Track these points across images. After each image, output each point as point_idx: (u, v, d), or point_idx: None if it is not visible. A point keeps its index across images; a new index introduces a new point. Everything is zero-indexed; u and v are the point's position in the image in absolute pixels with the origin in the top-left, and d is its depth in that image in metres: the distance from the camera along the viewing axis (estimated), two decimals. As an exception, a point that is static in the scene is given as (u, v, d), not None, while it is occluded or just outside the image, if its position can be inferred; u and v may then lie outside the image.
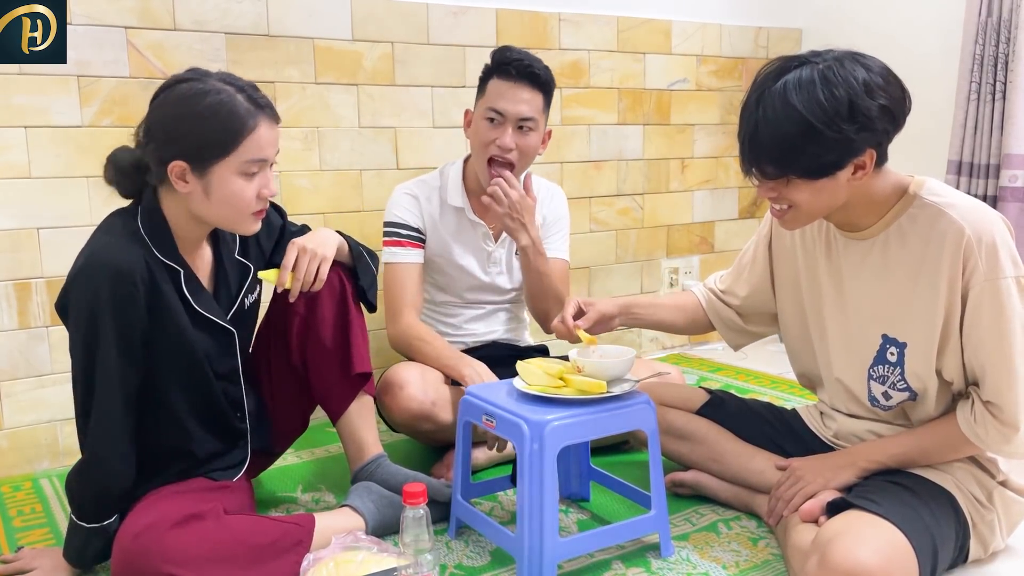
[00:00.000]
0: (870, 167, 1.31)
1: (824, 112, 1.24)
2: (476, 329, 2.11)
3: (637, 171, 2.89)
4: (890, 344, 1.44)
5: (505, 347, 2.12)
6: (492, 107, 1.89)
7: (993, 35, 2.53)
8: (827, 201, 1.35)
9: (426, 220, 2.02)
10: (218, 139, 1.35)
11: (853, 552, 1.21)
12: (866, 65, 1.29)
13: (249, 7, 2.15)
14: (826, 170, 1.29)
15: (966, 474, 1.41)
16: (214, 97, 1.36)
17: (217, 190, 1.38)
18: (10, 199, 1.93)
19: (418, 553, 1.25)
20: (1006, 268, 1.30)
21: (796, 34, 3.20)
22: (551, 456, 1.40)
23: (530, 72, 1.88)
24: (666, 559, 1.54)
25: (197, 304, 1.46)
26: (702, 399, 1.77)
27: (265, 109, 1.40)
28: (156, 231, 1.42)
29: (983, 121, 2.58)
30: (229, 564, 1.35)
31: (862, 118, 1.26)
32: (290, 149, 2.26)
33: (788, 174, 1.31)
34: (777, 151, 1.29)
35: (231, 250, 1.57)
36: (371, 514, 1.57)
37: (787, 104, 1.27)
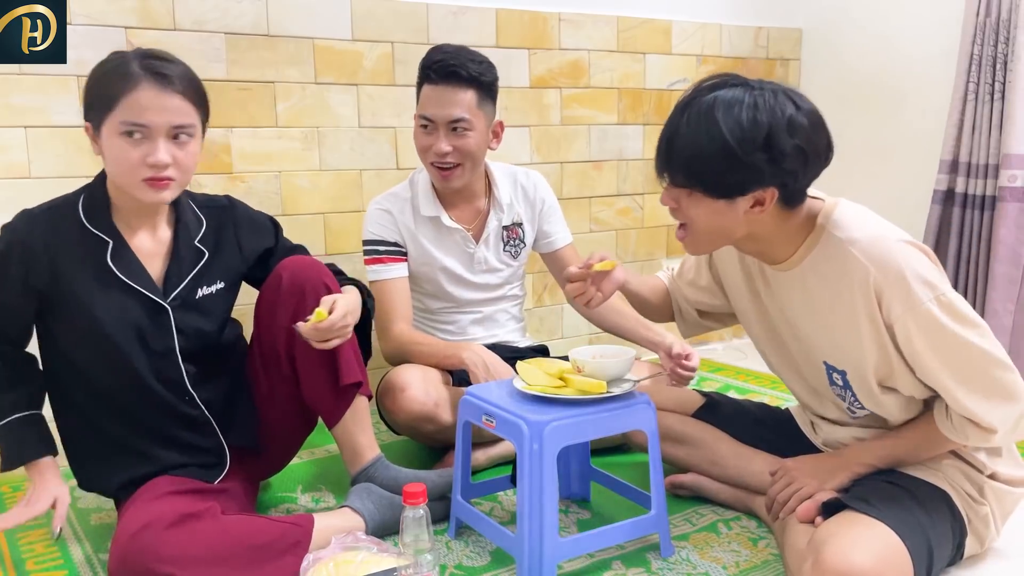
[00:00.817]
0: (769, 205, 1.31)
1: (742, 133, 1.24)
2: (477, 333, 2.10)
3: (637, 171, 2.89)
4: (832, 371, 1.45)
5: (505, 349, 2.11)
6: (421, 114, 1.90)
7: (992, 35, 2.53)
8: (721, 227, 1.34)
9: (403, 232, 2.00)
10: (103, 97, 1.41)
11: (846, 555, 1.21)
12: (798, 104, 1.28)
13: (249, 7, 2.15)
14: (727, 191, 1.29)
15: (956, 472, 1.42)
16: (113, 61, 1.43)
17: (107, 150, 1.43)
18: (10, 199, 1.92)
19: (418, 553, 1.25)
20: (921, 295, 1.27)
21: (796, 34, 3.20)
22: (551, 456, 1.40)
23: (451, 72, 1.84)
24: (666, 559, 1.54)
25: (124, 274, 1.48)
26: (697, 402, 1.78)
27: (154, 75, 1.41)
28: (93, 203, 1.49)
29: (981, 121, 2.57)
30: (227, 564, 1.35)
31: (775, 151, 1.25)
32: (290, 149, 2.26)
33: (694, 185, 1.31)
34: (688, 160, 1.30)
35: (191, 236, 1.57)
36: (370, 514, 1.57)
37: (710, 117, 1.26)
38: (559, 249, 2.13)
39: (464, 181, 1.95)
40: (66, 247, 1.45)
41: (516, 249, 2.10)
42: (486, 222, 2.05)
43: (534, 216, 2.11)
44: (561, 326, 2.78)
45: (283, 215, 2.27)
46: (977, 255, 2.61)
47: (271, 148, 2.23)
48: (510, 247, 2.09)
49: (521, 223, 2.10)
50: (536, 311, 2.72)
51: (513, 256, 2.10)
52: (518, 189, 2.10)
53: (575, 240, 2.25)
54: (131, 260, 1.49)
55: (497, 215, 2.05)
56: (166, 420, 1.55)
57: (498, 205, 2.05)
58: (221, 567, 1.34)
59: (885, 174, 2.98)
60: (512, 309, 2.17)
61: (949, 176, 2.67)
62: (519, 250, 2.11)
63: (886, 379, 1.38)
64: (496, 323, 2.13)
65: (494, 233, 2.06)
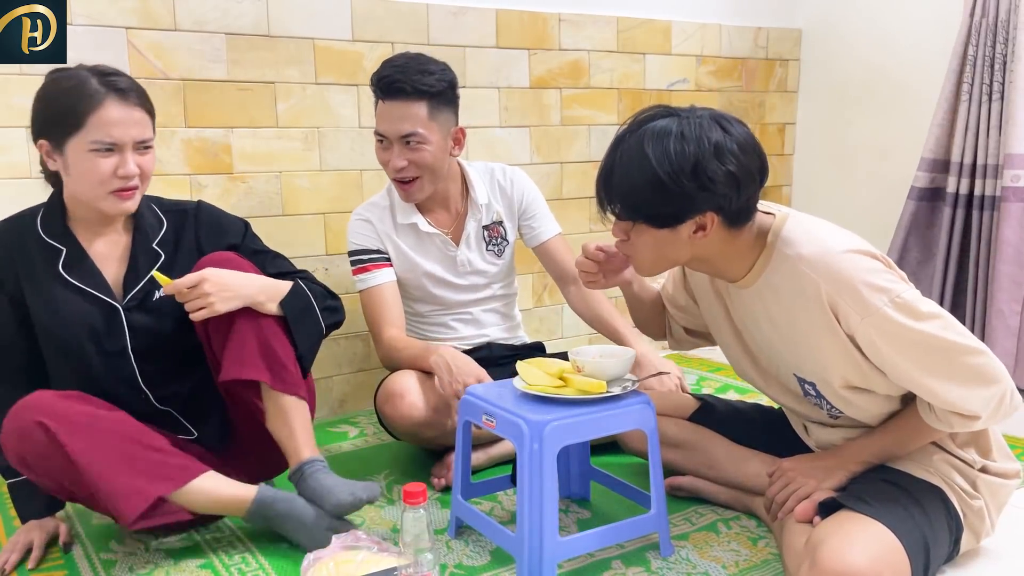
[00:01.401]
0: (711, 229, 1.32)
1: (670, 165, 1.27)
2: (467, 332, 2.10)
3: (637, 171, 2.89)
4: (803, 382, 1.46)
5: (501, 347, 2.12)
6: (376, 130, 1.90)
7: (989, 35, 2.53)
8: (668, 254, 1.37)
9: (384, 240, 2.00)
10: (66, 116, 1.44)
11: (843, 554, 1.21)
12: (727, 130, 1.29)
13: (249, 7, 2.16)
14: (666, 221, 1.32)
15: (948, 467, 1.42)
16: (71, 79, 1.46)
17: (73, 167, 1.47)
18: (10, 199, 1.93)
19: (418, 553, 1.26)
20: (875, 301, 1.26)
21: (796, 34, 3.20)
22: (551, 456, 1.40)
23: (398, 88, 1.81)
24: (666, 559, 1.54)
25: (77, 280, 1.53)
26: (693, 406, 1.78)
27: (119, 91, 1.46)
28: (49, 213, 1.56)
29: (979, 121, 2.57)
30: (101, 436, 1.42)
31: (704, 179, 1.27)
32: (290, 149, 2.26)
33: (635, 218, 1.34)
34: (625, 194, 1.33)
35: (149, 239, 1.60)
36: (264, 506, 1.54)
37: (641, 152, 1.29)
38: (546, 241, 2.11)
39: (426, 193, 1.95)
40: (26, 257, 1.53)
41: (499, 248, 2.09)
42: (464, 224, 2.04)
43: (513, 213, 2.10)
44: (561, 326, 2.78)
45: (283, 215, 2.27)
46: (978, 255, 2.61)
47: (271, 148, 2.23)
48: (493, 246, 2.08)
49: (501, 221, 2.09)
50: (536, 311, 2.72)
51: (497, 255, 2.09)
52: (495, 187, 2.09)
53: (574, 239, 2.25)
54: (86, 266, 1.55)
55: (475, 216, 2.05)
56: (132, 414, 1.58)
57: (475, 206, 2.04)
58: (99, 436, 1.42)
59: (885, 174, 2.99)
60: (502, 308, 2.16)
61: (931, 175, 2.68)
62: (503, 248, 2.10)
63: (860, 384, 1.38)
64: (486, 323, 2.12)
65: (474, 234, 2.05)
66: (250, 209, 2.21)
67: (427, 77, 1.83)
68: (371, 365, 2.45)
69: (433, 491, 1.84)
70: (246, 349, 1.55)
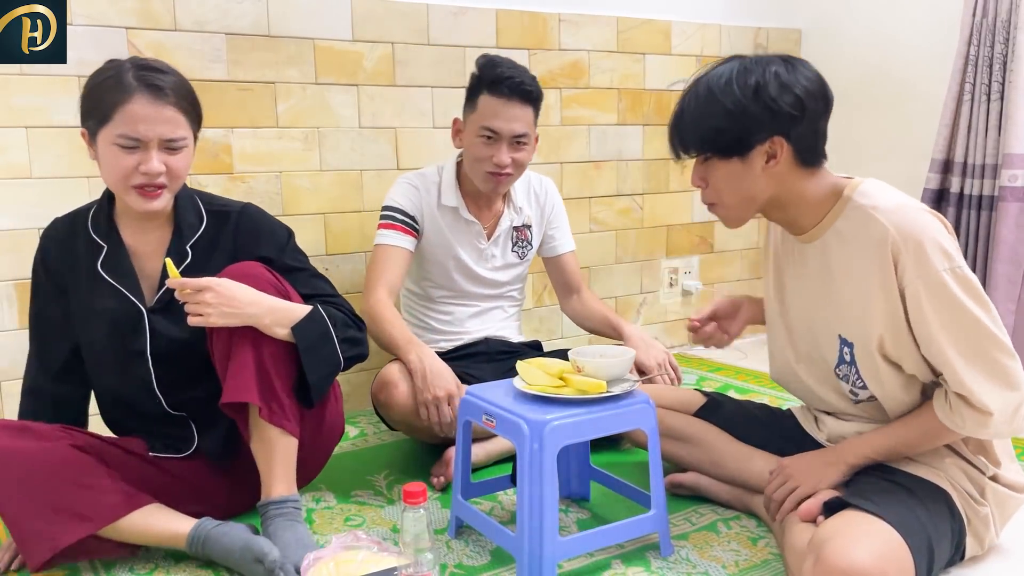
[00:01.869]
0: (781, 157, 1.36)
1: (731, 91, 1.34)
2: (472, 326, 2.13)
3: (637, 171, 2.90)
4: (844, 345, 1.46)
5: (498, 343, 2.13)
6: (487, 126, 1.92)
7: (989, 36, 2.53)
8: (745, 190, 1.41)
9: (424, 210, 2.05)
10: (99, 107, 1.44)
11: (848, 553, 1.21)
12: (790, 63, 1.36)
13: (249, 7, 2.16)
14: (734, 148, 1.37)
15: (958, 471, 1.42)
16: (110, 71, 1.46)
17: (101, 158, 1.47)
18: (10, 199, 1.93)
19: (418, 553, 1.26)
20: (936, 263, 1.29)
21: (796, 34, 3.20)
22: (551, 456, 1.40)
23: (522, 90, 1.91)
24: (666, 559, 1.54)
25: (112, 278, 1.54)
26: (699, 402, 1.78)
27: (148, 87, 1.43)
28: (100, 210, 1.57)
29: (978, 121, 2.57)
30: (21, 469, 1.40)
31: (766, 99, 1.33)
32: (290, 149, 2.26)
33: (705, 151, 1.39)
34: (692, 129, 1.39)
35: (184, 239, 1.57)
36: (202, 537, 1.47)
37: (706, 89, 1.38)
38: (561, 255, 2.21)
39: (507, 189, 2.04)
40: (74, 251, 1.56)
41: (523, 250, 2.16)
42: (499, 221, 2.11)
43: (542, 220, 2.17)
44: (561, 326, 2.78)
45: (283, 215, 2.27)
46: (975, 254, 2.61)
47: (271, 148, 2.23)
48: (518, 247, 2.14)
49: (530, 225, 2.16)
50: (536, 311, 2.72)
51: (520, 256, 2.16)
52: (531, 193, 2.17)
53: (575, 240, 2.26)
54: (123, 264, 1.54)
55: (510, 215, 2.12)
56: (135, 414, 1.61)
57: (513, 206, 2.12)
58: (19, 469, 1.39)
59: (885, 174, 2.95)
60: (509, 309, 2.20)
61: (941, 176, 2.68)
62: (526, 251, 2.16)
63: (891, 351, 1.38)
64: (492, 319, 2.16)
65: (505, 232, 2.12)
66: (250, 209, 2.21)
67: (537, 84, 1.96)
68: (371, 365, 2.44)
69: (433, 491, 1.84)
70: (244, 372, 1.46)
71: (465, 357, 2.08)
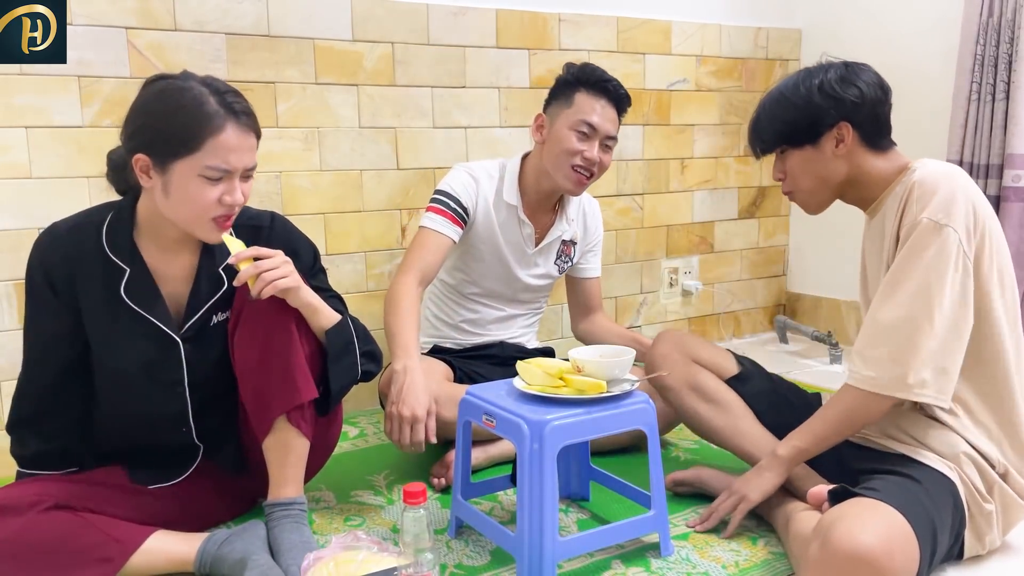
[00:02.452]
0: (849, 139, 1.50)
1: (798, 90, 1.52)
2: (494, 330, 2.13)
3: (637, 171, 2.89)
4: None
5: (512, 347, 2.14)
6: (586, 120, 1.93)
7: (994, 35, 2.53)
8: (819, 173, 1.54)
9: (479, 203, 2.02)
10: (180, 136, 1.33)
11: (855, 535, 1.22)
12: (852, 67, 1.52)
13: (249, 7, 2.16)
14: (806, 136, 1.52)
15: (970, 464, 1.43)
16: (185, 94, 1.35)
17: (176, 189, 1.36)
18: (10, 199, 1.93)
19: (418, 553, 1.26)
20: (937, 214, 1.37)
21: (796, 34, 3.20)
22: (551, 456, 1.40)
23: (620, 95, 1.97)
24: (666, 559, 1.54)
25: (138, 306, 1.44)
26: (733, 369, 1.77)
27: (238, 116, 1.37)
28: (118, 227, 1.44)
29: (983, 121, 2.57)
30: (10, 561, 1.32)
31: (830, 91, 1.49)
32: (290, 149, 2.26)
33: (781, 143, 1.56)
34: (767, 127, 1.57)
35: (215, 261, 1.51)
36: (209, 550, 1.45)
37: (775, 93, 1.57)
38: (588, 279, 2.22)
39: (584, 189, 2.04)
40: (85, 269, 1.43)
41: (564, 265, 2.17)
42: (550, 230, 2.10)
43: (585, 239, 2.18)
44: (561, 326, 2.78)
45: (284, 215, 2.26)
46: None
47: (271, 148, 2.23)
48: (560, 261, 2.15)
49: (576, 243, 2.17)
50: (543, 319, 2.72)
51: (560, 271, 2.17)
52: (581, 211, 2.17)
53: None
54: (148, 289, 1.45)
55: (561, 227, 2.11)
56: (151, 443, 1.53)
57: (566, 218, 2.12)
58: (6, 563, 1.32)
59: (885, 174, 2.98)
60: (530, 318, 2.22)
61: None
62: (565, 266, 2.18)
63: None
64: (514, 325, 2.17)
65: (554, 242, 2.12)
66: (250, 209, 2.21)
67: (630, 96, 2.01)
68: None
69: (433, 491, 1.84)
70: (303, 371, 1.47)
71: (477, 357, 2.08)
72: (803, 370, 2.81)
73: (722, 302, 3.21)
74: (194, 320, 1.50)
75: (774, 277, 3.36)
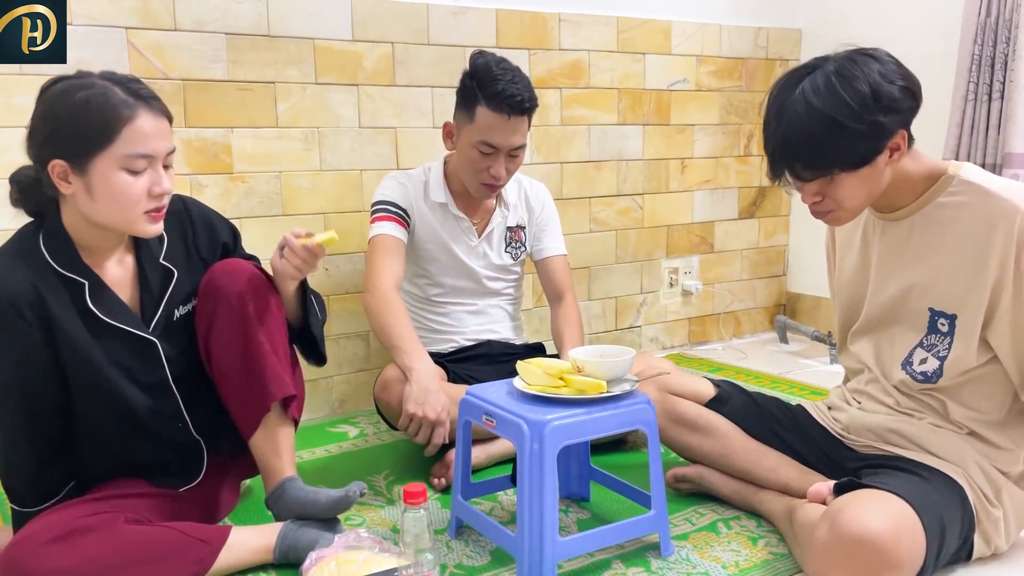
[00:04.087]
0: (904, 147, 1.37)
1: (850, 108, 1.30)
2: (472, 325, 2.12)
3: (637, 171, 2.89)
4: (939, 316, 1.45)
5: (501, 345, 2.13)
6: (486, 141, 1.90)
7: (991, 35, 2.54)
8: (872, 188, 1.39)
9: (414, 205, 2.05)
10: (93, 132, 1.30)
11: (863, 519, 1.22)
12: (875, 57, 1.35)
13: (249, 7, 2.16)
14: (866, 158, 1.34)
15: (977, 470, 1.43)
16: (87, 90, 1.31)
17: (100, 188, 1.32)
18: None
19: (418, 553, 1.26)
20: None
21: (796, 34, 3.20)
22: (551, 456, 1.40)
23: (524, 107, 1.88)
24: (666, 559, 1.54)
25: (106, 315, 1.41)
26: (710, 392, 1.76)
27: (148, 101, 1.34)
28: (56, 244, 1.38)
29: (979, 121, 2.58)
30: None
31: (887, 101, 1.31)
32: (290, 149, 2.26)
33: (832, 170, 1.35)
34: (810, 154, 1.34)
35: (154, 255, 1.49)
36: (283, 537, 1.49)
37: (810, 108, 1.32)
38: (547, 258, 2.17)
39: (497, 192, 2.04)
40: (49, 289, 1.36)
41: (517, 252, 2.16)
42: (490, 219, 2.10)
43: (532, 221, 2.16)
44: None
45: (284, 215, 2.27)
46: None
47: (271, 148, 2.23)
48: (512, 248, 2.14)
49: (524, 227, 2.16)
50: (536, 311, 2.72)
51: (513, 258, 2.15)
52: (522, 194, 2.16)
53: (574, 239, 2.26)
54: (109, 298, 1.42)
55: (503, 213, 2.12)
56: (155, 449, 1.52)
57: (504, 204, 2.12)
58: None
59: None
60: (507, 307, 2.19)
61: None
62: (520, 253, 2.16)
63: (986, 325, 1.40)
64: (491, 318, 2.15)
65: (498, 231, 2.11)
66: (250, 209, 2.21)
67: (533, 93, 1.92)
68: (371, 365, 2.45)
69: (433, 491, 1.84)
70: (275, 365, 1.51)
71: (467, 359, 2.08)
72: (803, 370, 2.81)
73: (722, 302, 3.22)
74: (158, 317, 1.49)
75: (774, 277, 3.36)
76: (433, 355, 2.06)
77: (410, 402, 1.73)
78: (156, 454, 1.53)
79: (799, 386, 2.61)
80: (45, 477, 1.44)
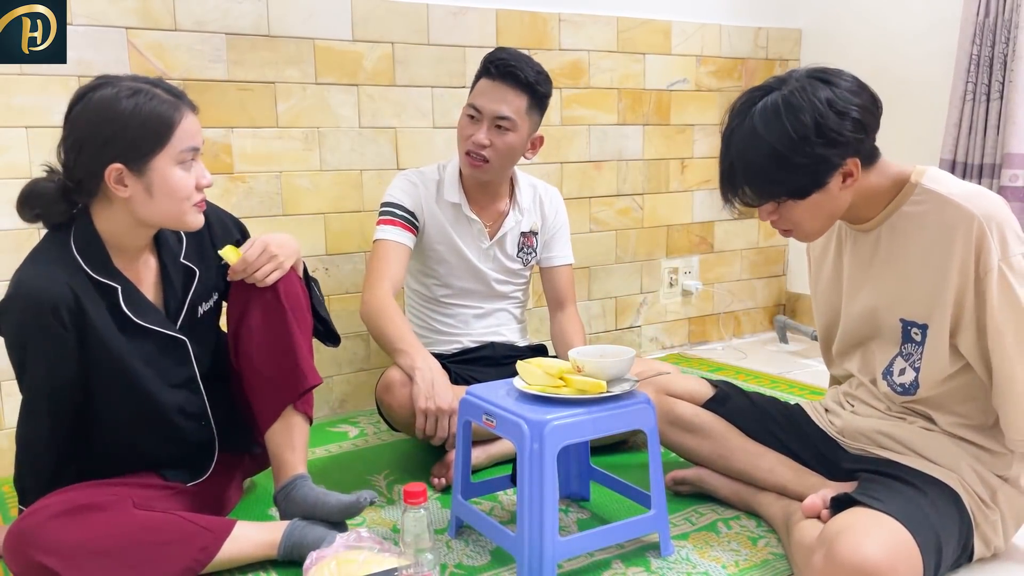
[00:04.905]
0: (858, 173, 1.36)
1: (791, 140, 1.30)
2: (477, 327, 2.12)
3: (637, 171, 2.90)
4: (911, 327, 1.45)
5: (503, 347, 2.13)
6: (472, 103, 1.93)
7: (990, 35, 2.54)
8: (830, 210, 1.40)
9: (424, 206, 2.04)
10: (150, 133, 1.37)
11: (859, 547, 1.22)
12: (830, 82, 1.33)
13: (249, 7, 2.16)
14: (812, 187, 1.35)
15: (972, 473, 1.42)
16: (134, 97, 1.37)
17: (159, 185, 1.39)
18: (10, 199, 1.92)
19: (418, 553, 1.26)
20: (1013, 247, 1.32)
21: (796, 34, 3.20)
22: (551, 456, 1.40)
23: (510, 72, 1.88)
24: (666, 559, 1.54)
25: (139, 317, 1.45)
26: (708, 393, 1.76)
27: (184, 100, 1.43)
28: (90, 251, 1.41)
29: (978, 121, 2.58)
30: (114, 557, 1.34)
31: (831, 135, 1.30)
32: (290, 149, 2.26)
33: (778, 197, 1.37)
34: (759, 183, 1.36)
35: (175, 255, 1.54)
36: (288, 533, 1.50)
37: (757, 137, 1.32)
38: (555, 267, 2.17)
39: (489, 177, 2.01)
40: (86, 296, 1.39)
41: (528, 257, 2.15)
42: (503, 222, 2.09)
43: (545, 228, 2.16)
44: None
45: (284, 215, 2.27)
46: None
47: (272, 148, 2.24)
48: (523, 254, 2.14)
49: (536, 232, 2.15)
50: (536, 311, 2.72)
51: (524, 263, 2.15)
52: (536, 199, 2.15)
53: (574, 239, 2.26)
54: (140, 299, 1.47)
55: (516, 218, 2.10)
56: (173, 446, 1.55)
57: (518, 208, 2.11)
58: (107, 559, 1.33)
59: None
60: (514, 310, 2.19)
61: None
62: (530, 258, 2.16)
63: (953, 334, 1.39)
64: (497, 321, 2.15)
65: (511, 235, 2.10)
66: (250, 209, 2.21)
67: (538, 76, 1.92)
68: (371, 365, 2.45)
69: (433, 491, 1.84)
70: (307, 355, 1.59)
71: (470, 361, 2.08)
72: (803, 370, 2.81)
73: (722, 302, 3.22)
74: (184, 316, 1.53)
75: (774, 277, 3.36)
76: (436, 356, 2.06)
77: (420, 399, 1.74)
78: (173, 450, 1.56)
79: (799, 386, 2.61)
80: (59, 480, 1.45)
